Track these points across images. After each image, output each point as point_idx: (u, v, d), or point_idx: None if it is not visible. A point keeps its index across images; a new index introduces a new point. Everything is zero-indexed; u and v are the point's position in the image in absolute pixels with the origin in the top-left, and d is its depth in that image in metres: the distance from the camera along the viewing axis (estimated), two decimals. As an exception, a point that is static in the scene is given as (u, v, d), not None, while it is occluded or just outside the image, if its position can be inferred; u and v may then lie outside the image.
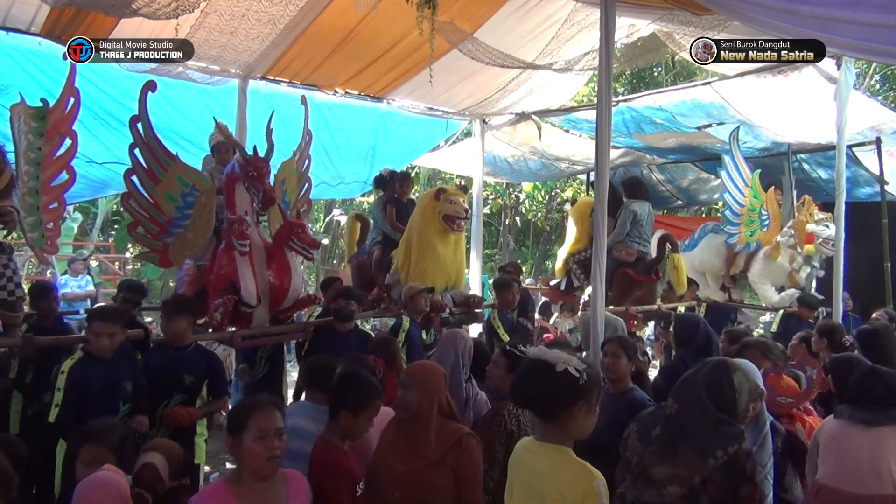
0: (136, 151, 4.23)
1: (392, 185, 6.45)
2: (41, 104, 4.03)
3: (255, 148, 4.42)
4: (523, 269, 8.01)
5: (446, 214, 5.46)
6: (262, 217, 4.84)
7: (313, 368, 3.36)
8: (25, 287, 4.51)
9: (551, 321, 8.32)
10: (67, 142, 4.08)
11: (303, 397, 3.69)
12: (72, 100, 4.10)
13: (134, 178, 4.25)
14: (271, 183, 4.57)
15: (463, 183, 9.50)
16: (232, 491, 2.07)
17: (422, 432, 2.51)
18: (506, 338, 5.26)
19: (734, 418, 2.37)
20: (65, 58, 4.18)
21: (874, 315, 5.64)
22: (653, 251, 6.94)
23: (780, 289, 7.03)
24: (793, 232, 6.87)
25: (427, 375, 2.62)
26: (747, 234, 6.87)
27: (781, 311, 6.66)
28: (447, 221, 5.47)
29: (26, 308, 4.35)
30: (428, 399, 2.55)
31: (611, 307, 6.12)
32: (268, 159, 4.47)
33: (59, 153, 4.08)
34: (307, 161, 5.46)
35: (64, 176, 4.11)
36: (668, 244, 6.67)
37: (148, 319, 7.84)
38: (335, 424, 2.60)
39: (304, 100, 5.53)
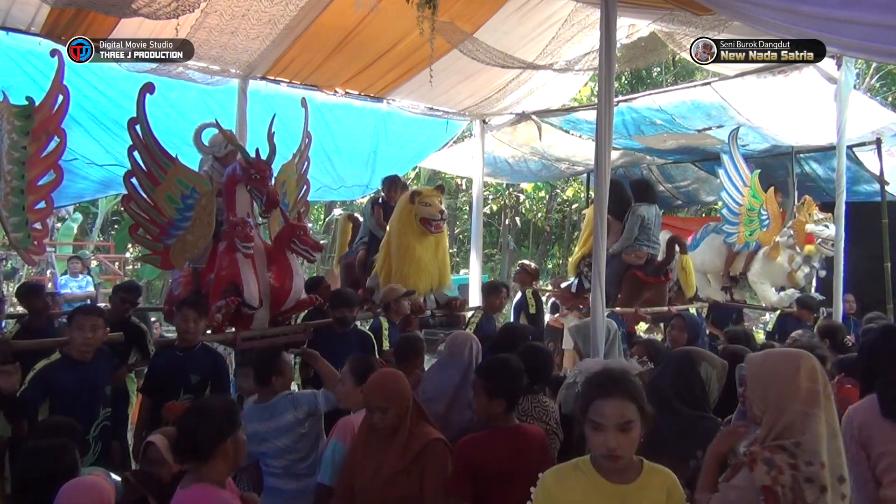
0: (135, 154, 4.20)
1: (386, 186, 6.50)
2: (27, 102, 3.98)
3: (257, 150, 4.42)
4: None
5: (423, 217, 5.44)
6: (261, 219, 4.84)
7: (257, 363, 3.29)
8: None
9: (555, 316, 8.30)
10: (55, 140, 4.03)
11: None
12: (60, 97, 4.05)
13: (133, 180, 4.24)
14: (273, 185, 4.57)
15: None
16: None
17: (394, 443, 2.48)
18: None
19: (708, 408, 2.38)
20: (52, 55, 4.16)
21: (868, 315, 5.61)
22: (661, 253, 6.96)
23: (780, 289, 7.03)
24: (792, 232, 6.89)
25: (398, 390, 2.53)
26: (746, 233, 6.88)
27: (778, 311, 6.66)
28: (424, 224, 5.45)
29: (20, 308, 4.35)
30: (403, 412, 2.50)
31: (618, 308, 6.13)
32: (270, 162, 4.47)
33: (46, 152, 4.02)
34: (306, 163, 5.46)
35: (52, 175, 4.07)
36: (676, 246, 6.67)
37: (153, 318, 7.85)
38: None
39: (304, 102, 5.52)
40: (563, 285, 7.61)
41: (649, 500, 1.78)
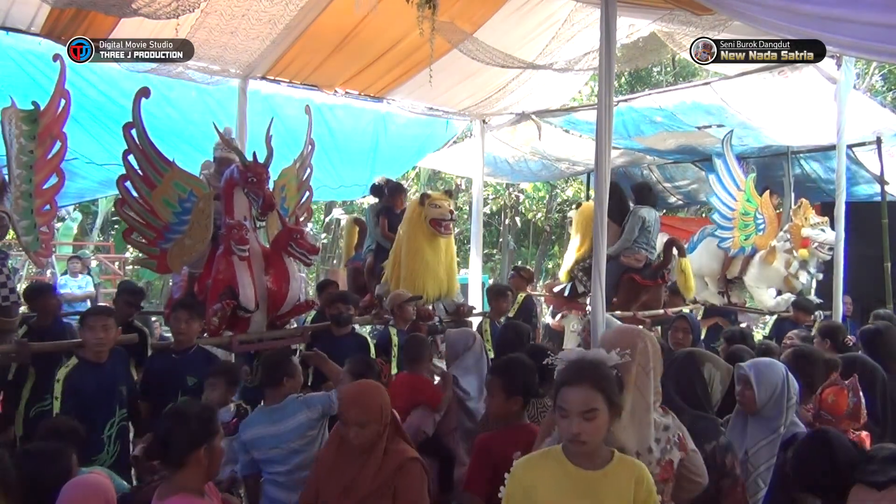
0: (131, 158, 4.16)
1: (386, 195, 6.47)
2: (32, 107, 4.00)
3: (254, 154, 4.43)
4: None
5: (433, 219, 5.48)
6: (259, 223, 4.83)
7: (266, 367, 3.29)
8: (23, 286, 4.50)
9: (557, 319, 8.27)
10: (58, 144, 4.05)
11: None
12: (62, 101, 4.06)
13: (128, 184, 4.22)
14: (270, 189, 4.57)
15: (455, 186, 9.49)
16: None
17: (369, 461, 2.34)
18: (490, 348, 5.12)
19: (711, 409, 2.40)
20: (55, 59, 4.17)
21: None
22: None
23: (777, 293, 7.03)
24: (788, 236, 6.88)
25: (379, 405, 2.39)
26: (742, 237, 6.86)
27: (776, 316, 6.66)
28: (434, 225, 5.49)
29: (24, 309, 4.34)
30: (382, 428, 2.38)
31: (617, 312, 6.12)
32: (267, 165, 4.47)
33: (50, 156, 4.04)
34: (308, 170, 5.46)
35: (54, 178, 4.08)
36: (674, 248, 6.67)
37: (153, 320, 7.84)
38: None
39: (308, 110, 5.52)
40: (555, 289, 7.56)
41: (615, 487, 1.84)
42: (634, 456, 1.99)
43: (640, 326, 2.54)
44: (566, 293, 7.17)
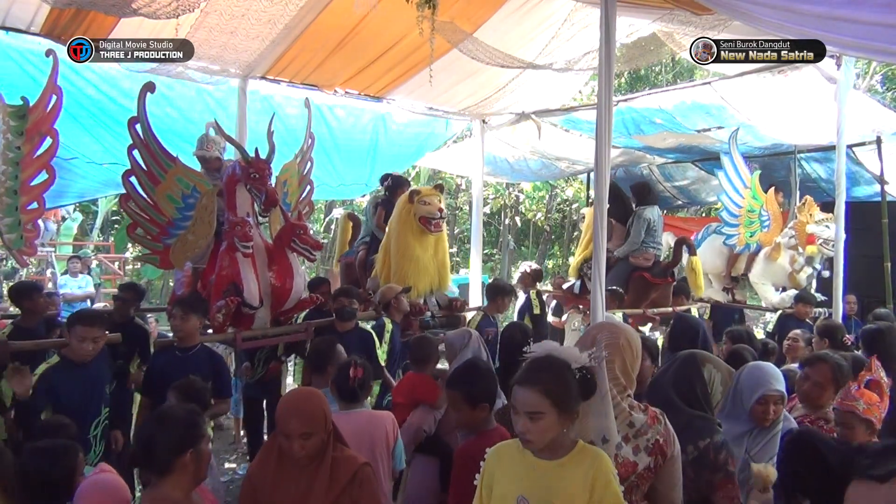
0: (135, 153, 4.22)
1: (390, 187, 6.47)
2: (21, 102, 3.98)
3: (256, 150, 4.43)
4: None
5: (422, 216, 5.42)
6: (262, 218, 4.84)
7: (312, 353, 3.50)
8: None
9: (563, 318, 8.29)
10: (48, 141, 4.02)
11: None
12: (53, 98, 4.04)
13: (133, 179, 4.24)
14: (272, 184, 4.57)
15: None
16: None
17: (318, 474, 2.18)
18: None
19: (710, 410, 2.39)
20: (48, 55, 4.16)
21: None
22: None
23: (782, 290, 7.03)
24: (793, 233, 6.88)
25: (322, 412, 2.23)
26: (747, 234, 6.89)
27: (779, 312, 6.68)
28: (423, 223, 5.44)
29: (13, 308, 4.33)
30: (327, 436, 2.22)
31: (626, 310, 6.15)
32: (269, 161, 4.47)
33: (39, 152, 4.01)
34: (309, 164, 5.47)
35: (44, 175, 4.05)
36: (685, 247, 6.70)
37: (150, 317, 7.82)
38: None
39: (307, 103, 5.52)
40: (564, 286, 7.61)
41: (569, 477, 1.86)
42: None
43: (614, 321, 2.54)
44: (576, 290, 7.23)
